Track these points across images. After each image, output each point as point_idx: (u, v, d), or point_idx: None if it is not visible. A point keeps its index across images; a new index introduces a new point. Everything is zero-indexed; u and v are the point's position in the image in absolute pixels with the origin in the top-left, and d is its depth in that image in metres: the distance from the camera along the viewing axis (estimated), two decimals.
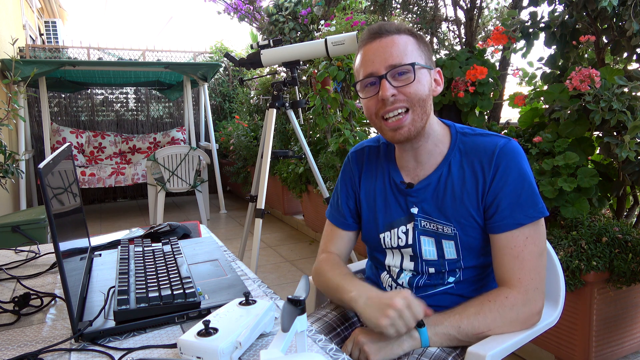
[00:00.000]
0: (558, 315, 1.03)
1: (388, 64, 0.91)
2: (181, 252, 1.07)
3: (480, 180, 0.94)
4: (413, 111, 0.92)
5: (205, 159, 4.56)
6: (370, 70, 0.93)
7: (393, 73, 0.91)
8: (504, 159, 0.92)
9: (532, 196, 0.91)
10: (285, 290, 2.77)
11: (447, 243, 0.97)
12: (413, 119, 0.93)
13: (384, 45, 0.92)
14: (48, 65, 4.06)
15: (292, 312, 0.63)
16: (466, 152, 0.97)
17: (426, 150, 0.99)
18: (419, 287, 1.02)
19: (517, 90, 2.27)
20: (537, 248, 0.91)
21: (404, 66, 0.91)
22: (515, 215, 0.90)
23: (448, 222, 0.96)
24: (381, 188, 1.05)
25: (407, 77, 0.92)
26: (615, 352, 1.78)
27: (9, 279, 1.04)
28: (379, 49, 0.92)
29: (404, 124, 0.92)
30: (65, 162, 0.96)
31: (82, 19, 22.14)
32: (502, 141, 0.94)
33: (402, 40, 0.93)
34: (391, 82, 0.91)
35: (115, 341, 0.74)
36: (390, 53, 0.91)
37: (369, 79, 0.93)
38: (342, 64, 2.91)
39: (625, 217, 1.99)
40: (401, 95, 0.91)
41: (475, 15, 2.65)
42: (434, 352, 0.91)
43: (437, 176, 0.98)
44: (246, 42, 6.50)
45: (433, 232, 0.98)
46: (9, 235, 2.36)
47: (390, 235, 1.04)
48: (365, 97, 0.96)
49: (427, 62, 0.96)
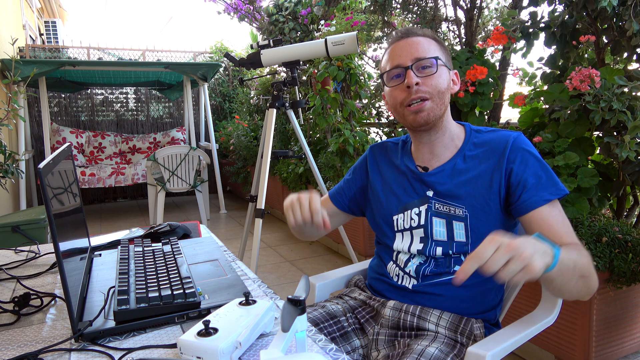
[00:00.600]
0: (556, 314, 1.03)
1: (414, 57, 1.02)
2: (181, 252, 1.07)
3: (497, 166, 1.01)
4: (432, 100, 1.02)
5: (205, 159, 4.56)
6: (397, 63, 1.03)
7: (417, 65, 1.02)
8: (520, 147, 1.01)
9: (552, 177, 0.99)
10: (285, 290, 2.77)
11: (457, 224, 1.02)
12: (432, 107, 1.02)
13: (410, 43, 1.04)
14: (48, 65, 4.06)
15: (292, 312, 0.63)
16: (481, 145, 1.06)
17: (442, 143, 1.08)
18: (426, 276, 1.05)
19: (517, 90, 2.27)
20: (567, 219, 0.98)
21: (427, 59, 1.02)
22: (541, 193, 0.96)
23: (460, 204, 1.02)
24: (397, 174, 1.14)
25: (430, 70, 1.02)
26: (615, 352, 1.78)
27: (9, 279, 1.04)
28: (406, 46, 1.03)
29: (424, 108, 1.01)
30: (65, 162, 0.96)
31: (82, 19, 22.15)
32: (514, 134, 1.04)
33: (426, 40, 1.04)
34: (415, 73, 1.01)
35: (115, 341, 0.74)
36: (416, 49, 1.03)
37: (395, 70, 1.03)
38: (342, 64, 2.91)
39: (625, 217, 1.99)
40: (423, 86, 1.01)
41: (475, 15, 2.65)
42: (432, 353, 0.91)
43: (452, 164, 1.06)
44: (246, 42, 6.50)
45: (445, 213, 1.04)
46: (9, 235, 2.36)
47: (403, 217, 1.09)
48: (391, 86, 1.05)
49: (447, 62, 1.07)
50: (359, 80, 2.98)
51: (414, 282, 1.06)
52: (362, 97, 3.15)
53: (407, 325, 1.03)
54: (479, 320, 1.03)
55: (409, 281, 1.07)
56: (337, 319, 1.08)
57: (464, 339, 0.99)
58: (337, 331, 1.07)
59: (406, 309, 1.04)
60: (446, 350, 0.95)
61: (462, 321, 1.01)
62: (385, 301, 1.08)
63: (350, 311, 1.12)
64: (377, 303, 1.10)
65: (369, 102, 3.62)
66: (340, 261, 3.30)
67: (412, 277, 1.06)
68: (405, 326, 1.03)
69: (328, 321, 1.07)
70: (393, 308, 1.05)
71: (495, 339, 0.92)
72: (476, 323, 1.02)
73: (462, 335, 1.00)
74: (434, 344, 0.95)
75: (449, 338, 0.99)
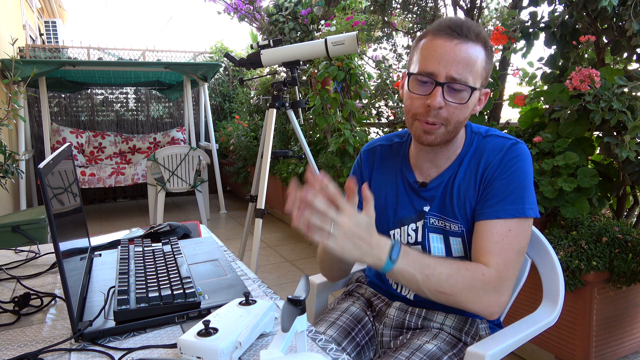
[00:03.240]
0: (557, 314, 1.03)
1: (451, 74, 0.87)
2: (181, 252, 1.07)
3: (480, 175, 0.96)
4: (446, 128, 0.92)
5: (205, 159, 4.56)
6: (431, 70, 0.88)
7: (451, 86, 0.88)
8: (508, 156, 0.94)
9: (520, 194, 0.91)
10: (285, 290, 2.77)
11: (454, 240, 0.98)
12: (443, 133, 0.93)
13: (457, 51, 0.87)
14: (48, 65, 4.06)
15: (292, 312, 0.63)
16: (476, 153, 0.99)
17: (446, 155, 1.00)
18: None
19: (517, 90, 2.27)
20: (517, 244, 0.91)
21: (463, 85, 0.88)
22: (497, 208, 0.92)
23: (455, 219, 0.98)
24: (393, 186, 1.06)
25: (461, 97, 0.89)
26: (615, 352, 1.78)
27: (9, 279, 1.04)
28: (449, 52, 0.87)
29: (434, 132, 0.92)
30: (65, 162, 0.95)
31: (82, 19, 22.15)
32: (508, 143, 0.96)
33: (475, 53, 0.89)
34: (445, 94, 0.88)
35: (115, 341, 0.74)
36: (458, 62, 0.87)
37: (425, 77, 0.89)
38: (342, 64, 2.91)
39: (625, 217, 1.99)
40: (445, 111, 0.90)
41: (475, 15, 2.65)
42: (429, 350, 0.91)
43: (449, 175, 1.00)
44: (246, 42, 6.50)
45: (441, 229, 0.99)
46: (9, 235, 2.36)
47: (400, 232, 1.04)
48: (413, 92, 0.92)
49: (484, 81, 0.94)
50: (359, 80, 2.98)
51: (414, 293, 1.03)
52: (362, 97, 3.15)
53: (412, 326, 1.02)
54: (484, 321, 1.02)
55: (408, 291, 1.04)
56: (364, 322, 1.07)
57: (468, 338, 0.99)
58: (366, 335, 1.05)
59: (412, 310, 1.02)
60: (445, 348, 0.94)
61: (468, 322, 1.00)
62: (390, 301, 1.07)
63: (367, 307, 1.10)
64: (382, 303, 1.08)
65: (369, 102, 3.62)
66: None
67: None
68: (409, 327, 1.02)
69: (357, 326, 1.05)
70: (398, 309, 1.04)
71: (495, 339, 0.91)
72: (482, 324, 1.01)
73: (467, 335, 0.99)
74: (434, 340, 0.95)
75: (452, 336, 0.99)
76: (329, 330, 1.02)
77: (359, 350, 1.02)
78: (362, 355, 1.03)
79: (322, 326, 1.04)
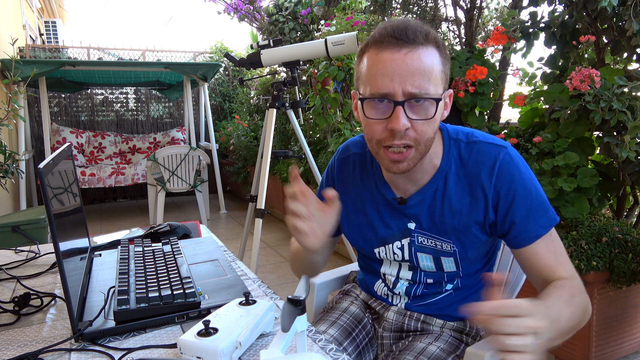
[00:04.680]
0: None
1: (408, 89, 0.77)
2: (181, 252, 1.07)
3: (482, 195, 0.87)
4: (417, 149, 0.82)
5: (205, 159, 4.56)
6: (386, 91, 0.78)
7: (411, 103, 0.78)
8: (506, 171, 0.85)
9: (542, 205, 0.86)
10: (285, 290, 2.77)
11: (446, 260, 0.93)
12: (414, 157, 0.83)
13: (408, 61, 0.77)
14: (48, 65, 4.06)
15: (292, 312, 0.63)
16: (462, 164, 0.89)
17: (421, 170, 0.90)
18: (417, 296, 0.99)
19: (517, 90, 2.27)
20: (560, 246, 0.88)
21: (426, 100, 0.78)
22: (531, 228, 0.85)
23: (447, 238, 0.91)
24: (371, 202, 0.98)
25: (426, 111, 0.79)
26: (615, 352, 1.78)
27: (9, 279, 1.04)
28: (402, 65, 0.77)
29: (405, 159, 0.82)
30: (65, 162, 0.96)
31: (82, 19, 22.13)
32: (499, 153, 0.86)
33: (430, 59, 0.78)
34: (407, 112, 0.78)
35: (115, 341, 0.74)
36: (413, 74, 0.76)
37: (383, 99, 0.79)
38: (342, 64, 2.91)
39: (625, 217, 1.99)
40: (412, 130, 0.80)
41: (475, 15, 2.65)
42: (433, 352, 0.91)
43: (433, 191, 0.90)
44: (246, 42, 6.50)
45: (431, 248, 0.93)
46: (9, 235, 2.36)
47: (385, 250, 0.99)
48: (371, 117, 0.81)
49: (446, 84, 0.83)
50: None
51: (406, 300, 1.00)
52: None
53: (411, 329, 1.00)
54: None
55: (399, 300, 1.02)
56: (363, 323, 1.06)
57: (469, 339, 0.99)
58: (366, 336, 1.04)
59: (410, 314, 1.01)
60: (448, 349, 0.94)
61: (468, 324, 1.00)
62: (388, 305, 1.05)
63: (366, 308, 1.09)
64: (379, 306, 1.06)
65: None
66: (340, 261, 3.29)
67: (402, 297, 1.01)
68: (409, 329, 1.01)
69: (358, 326, 1.04)
70: (397, 312, 1.02)
71: None
72: None
73: (467, 335, 0.99)
74: (436, 342, 0.94)
75: (454, 338, 0.98)
76: (330, 329, 1.01)
77: (359, 352, 1.01)
78: (362, 356, 1.02)
79: (323, 325, 1.03)
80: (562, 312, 0.75)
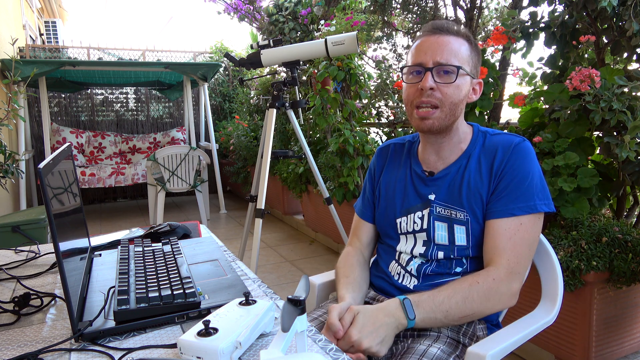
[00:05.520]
0: (555, 314, 1.03)
1: (437, 59, 0.98)
2: (181, 252, 1.07)
3: (494, 170, 1.01)
4: (442, 110, 1.00)
5: (205, 159, 4.56)
6: (420, 60, 1.00)
7: (439, 69, 0.98)
8: (517, 154, 0.99)
9: (530, 191, 0.97)
10: (285, 290, 2.77)
11: (458, 228, 1.02)
12: (440, 116, 1.00)
13: (440, 42, 0.99)
14: (48, 65, 4.06)
15: (292, 312, 0.63)
16: (484, 148, 1.05)
17: (449, 146, 1.07)
18: (427, 275, 1.05)
19: (517, 90, 2.27)
20: (529, 237, 0.97)
21: (450, 66, 0.98)
22: (510, 206, 0.97)
23: (462, 208, 1.02)
24: (402, 177, 1.14)
25: (449, 77, 0.99)
26: (615, 352, 1.78)
27: (9, 279, 1.04)
28: (434, 44, 0.99)
29: (431, 116, 1.00)
30: (65, 162, 0.96)
31: (82, 19, 22.15)
32: (517, 139, 1.02)
33: (458, 43, 1.00)
34: (434, 76, 0.99)
35: (115, 341, 0.74)
36: (442, 50, 0.98)
37: (416, 67, 1.01)
38: (342, 64, 2.90)
39: (625, 217, 1.99)
40: (438, 92, 0.99)
41: (475, 15, 2.65)
42: (434, 353, 0.91)
43: (457, 168, 1.05)
44: (246, 42, 6.50)
45: (447, 217, 1.04)
46: (9, 235, 2.36)
47: (407, 220, 1.09)
48: (408, 82, 1.03)
49: (473, 70, 1.03)
50: (359, 80, 2.97)
51: (415, 282, 1.06)
52: (362, 97, 3.15)
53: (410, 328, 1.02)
54: (482, 322, 1.02)
55: (409, 280, 1.07)
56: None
57: (466, 339, 0.99)
58: None
59: None
60: (448, 350, 0.94)
61: (465, 323, 1.01)
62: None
63: None
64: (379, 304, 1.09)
65: (369, 102, 3.62)
66: None
67: (413, 276, 1.07)
68: (407, 328, 1.02)
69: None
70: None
71: (495, 339, 0.92)
72: (479, 324, 1.01)
73: (464, 336, 1.00)
74: (436, 343, 0.95)
75: (451, 338, 0.99)
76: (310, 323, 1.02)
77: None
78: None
79: None
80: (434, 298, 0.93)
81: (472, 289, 0.93)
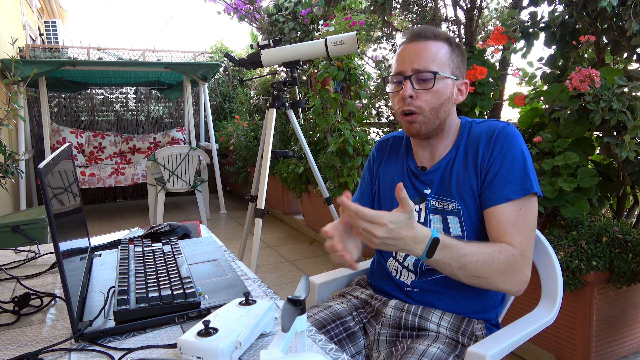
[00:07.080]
0: (555, 314, 1.03)
1: (414, 67, 1.01)
2: (181, 252, 1.07)
3: (479, 159, 1.02)
4: (423, 115, 1.02)
5: (205, 159, 4.56)
6: (400, 69, 1.03)
7: (417, 77, 1.01)
8: (501, 140, 1.01)
9: (522, 174, 0.98)
10: (285, 290, 2.77)
11: (451, 219, 1.04)
12: (423, 121, 1.03)
13: (417, 49, 1.02)
14: (48, 65, 4.06)
15: (292, 312, 0.63)
16: (470, 138, 1.06)
17: (442, 145, 1.09)
18: (424, 271, 1.05)
19: (517, 90, 2.27)
20: (530, 220, 0.98)
21: (426, 72, 1.00)
22: (506, 191, 0.97)
23: (452, 199, 1.04)
24: (399, 173, 1.16)
25: (427, 84, 1.01)
26: (615, 352, 1.78)
27: (9, 279, 1.04)
28: (412, 52, 1.02)
29: (415, 120, 1.03)
30: (65, 162, 0.96)
31: (82, 19, 22.14)
32: (501, 125, 1.04)
33: (436, 47, 1.02)
34: (414, 84, 1.01)
35: (115, 341, 0.74)
36: (420, 57, 1.01)
37: (396, 76, 1.04)
38: (342, 64, 2.90)
39: (625, 217, 1.99)
40: (417, 100, 1.01)
41: (475, 15, 2.65)
42: (434, 353, 0.91)
43: (447, 160, 1.07)
44: (246, 42, 6.50)
45: (440, 209, 1.05)
46: (9, 235, 2.36)
47: None
48: (391, 91, 1.07)
49: (455, 71, 1.04)
50: (359, 80, 2.97)
51: (413, 278, 1.06)
52: (362, 97, 3.15)
53: (409, 325, 1.02)
54: (481, 321, 1.03)
55: (407, 276, 1.07)
56: (343, 319, 1.08)
57: (465, 339, 0.99)
58: (344, 332, 1.06)
59: (407, 309, 1.04)
60: (447, 350, 0.95)
61: (464, 322, 1.01)
62: (386, 300, 1.09)
63: (355, 309, 1.12)
64: (378, 302, 1.10)
65: (369, 102, 3.62)
66: None
67: (410, 272, 1.07)
68: (406, 326, 1.03)
69: (335, 322, 1.07)
70: (395, 307, 1.05)
71: (495, 339, 0.91)
72: (478, 324, 1.02)
73: (463, 335, 1.00)
74: (435, 344, 0.95)
75: (450, 338, 0.99)
76: None
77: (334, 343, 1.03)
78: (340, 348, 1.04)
79: None
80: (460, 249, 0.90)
81: (495, 256, 0.92)
